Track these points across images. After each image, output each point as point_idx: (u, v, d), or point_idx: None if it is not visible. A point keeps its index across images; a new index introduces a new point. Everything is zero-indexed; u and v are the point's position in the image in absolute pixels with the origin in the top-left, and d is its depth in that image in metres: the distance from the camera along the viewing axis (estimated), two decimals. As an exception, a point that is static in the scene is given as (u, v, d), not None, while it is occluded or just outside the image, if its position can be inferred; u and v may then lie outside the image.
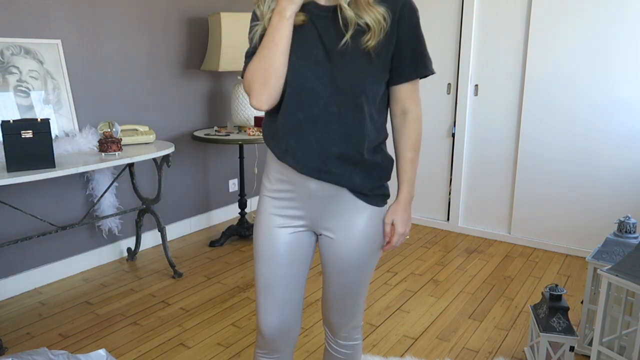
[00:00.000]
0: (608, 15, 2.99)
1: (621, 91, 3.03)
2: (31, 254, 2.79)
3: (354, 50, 1.20)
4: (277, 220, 1.34)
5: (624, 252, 2.03)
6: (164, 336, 2.35)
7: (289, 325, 1.38)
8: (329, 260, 1.37)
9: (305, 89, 1.21)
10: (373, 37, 1.19)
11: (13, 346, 2.26)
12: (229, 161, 3.92)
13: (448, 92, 3.63)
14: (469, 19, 3.43)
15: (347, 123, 1.23)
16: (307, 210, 1.32)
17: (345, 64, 1.20)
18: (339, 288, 1.38)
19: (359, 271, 1.36)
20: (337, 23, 1.21)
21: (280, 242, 1.33)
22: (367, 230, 1.32)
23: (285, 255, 1.34)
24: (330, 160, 1.25)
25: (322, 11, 1.23)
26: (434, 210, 3.87)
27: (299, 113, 1.23)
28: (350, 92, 1.21)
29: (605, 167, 3.14)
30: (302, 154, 1.24)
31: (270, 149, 1.31)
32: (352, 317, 1.44)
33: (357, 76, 1.20)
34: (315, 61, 1.21)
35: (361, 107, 1.23)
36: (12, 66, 2.56)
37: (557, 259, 3.26)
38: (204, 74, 3.61)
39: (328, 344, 1.53)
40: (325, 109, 1.22)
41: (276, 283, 1.34)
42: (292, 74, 1.21)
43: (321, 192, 1.29)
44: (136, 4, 3.10)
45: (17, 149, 2.16)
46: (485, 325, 2.47)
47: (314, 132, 1.23)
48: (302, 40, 1.22)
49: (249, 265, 3.12)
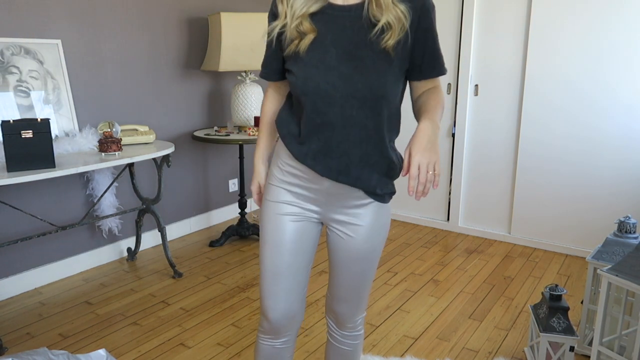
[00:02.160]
0: (608, 16, 2.99)
1: (621, 91, 3.03)
2: (31, 254, 2.79)
3: (371, 52, 1.19)
4: (286, 208, 1.36)
5: (624, 252, 2.03)
6: (164, 336, 2.35)
7: (294, 310, 1.41)
8: (339, 251, 1.39)
9: (319, 95, 1.21)
10: (393, 36, 1.17)
11: (13, 346, 2.26)
12: (229, 161, 3.92)
13: (448, 92, 3.63)
14: (469, 19, 3.43)
15: (367, 126, 1.24)
16: (317, 203, 1.35)
17: (363, 67, 1.19)
18: (350, 278, 1.41)
19: (368, 262, 1.40)
20: (356, 23, 1.20)
21: (288, 230, 1.36)
22: (375, 222, 1.36)
23: (293, 243, 1.36)
24: (351, 163, 1.27)
25: (339, 11, 1.21)
26: (434, 210, 3.87)
27: (317, 118, 1.24)
28: (369, 96, 1.20)
29: (606, 167, 3.14)
30: (323, 156, 1.27)
31: (287, 144, 1.32)
32: (360, 306, 1.47)
33: (377, 80, 1.19)
34: (327, 67, 1.20)
35: (380, 109, 1.23)
36: (12, 66, 2.56)
37: (557, 259, 3.26)
38: (204, 74, 3.61)
39: (332, 337, 1.55)
40: (343, 113, 1.22)
41: (283, 270, 1.36)
42: (305, 82, 1.22)
43: (334, 189, 1.31)
44: (136, 4, 3.10)
45: (17, 149, 2.16)
46: (485, 325, 2.47)
47: (334, 136, 1.24)
48: (314, 47, 1.21)
49: (249, 265, 3.12)
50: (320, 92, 1.21)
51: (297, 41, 1.23)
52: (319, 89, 1.21)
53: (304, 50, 1.21)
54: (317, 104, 1.22)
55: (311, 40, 1.21)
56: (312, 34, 1.21)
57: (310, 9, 1.21)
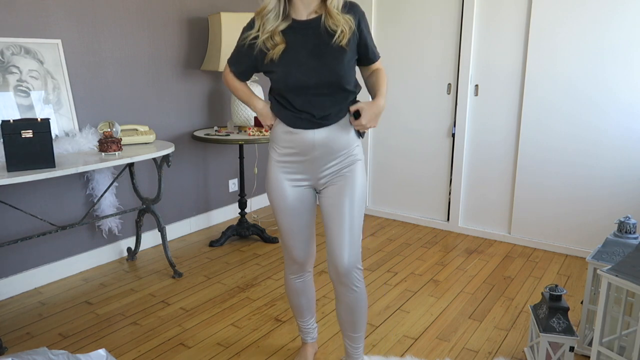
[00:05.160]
0: (608, 16, 2.99)
1: (621, 92, 3.03)
2: (31, 254, 2.79)
3: (331, 49, 1.66)
4: (285, 182, 1.81)
5: (624, 253, 2.03)
6: (164, 336, 2.35)
7: (310, 252, 1.93)
8: (335, 200, 1.76)
9: (297, 83, 1.68)
10: (345, 37, 1.66)
11: (13, 346, 2.26)
12: (229, 161, 3.92)
13: (448, 92, 3.63)
14: (469, 19, 3.43)
15: (334, 96, 1.72)
16: (307, 171, 1.78)
17: (326, 61, 1.66)
18: (348, 221, 1.75)
19: (359, 201, 1.78)
20: (316, 31, 1.67)
21: (291, 197, 1.81)
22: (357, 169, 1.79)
23: (295, 207, 1.82)
24: (327, 117, 1.72)
25: (302, 24, 1.69)
26: (434, 210, 3.87)
27: (298, 99, 1.71)
28: (334, 80, 1.68)
29: (606, 167, 3.14)
30: (310, 118, 1.72)
31: (282, 119, 1.76)
32: (358, 249, 1.79)
33: (337, 67, 1.67)
34: (300, 63, 1.67)
35: (342, 85, 1.70)
36: (12, 66, 2.56)
37: (557, 259, 3.26)
38: (204, 74, 3.61)
39: (340, 291, 1.82)
40: (316, 93, 1.69)
41: (295, 228, 1.85)
42: (286, 75, 1.68)
43: (320, 141, 1.73)
44: (136, 4, 3.10)
45: (17, 148, 2.16)
46: (485, 326, 2.47)
47: (313, 108, 1.71)
48: (288, 51, 1.67)
49: (249, 265, 3.12)
50: (298, 82, 1.67)
51: (272, 50, 1.67)
52: (297, 80, 1.67)
53: (278, 55, 1.67)
54: (297, 90, 1.69)
55: (283, 49, 1.66)
56: (282, 45, 1.67)
57: (279, 27, 1.67)
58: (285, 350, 2.24)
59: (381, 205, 4.12)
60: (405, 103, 3.82)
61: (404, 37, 3.72)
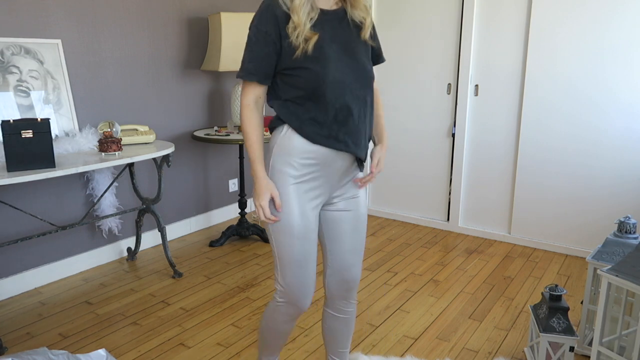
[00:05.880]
0: (608, 16, 2.99)
1: (621, 92, 3.03)
2: (31, 254, 2.79)
3: (359, 44, 1.51)
4: (308, 203, 1.53)
5: (624, 252, 2.03)
6: (164, 336, 2.35)
7: (313, 290, 1.62)
8: (346, 220, 1.62)
9: (335, 82, 1.44)
10: (367, 29, 1.53)
11: (13, 346, 2.26)
12: (229, 161, 3.92)
13: (448, 92, 3.63)
14: (469, 19, 3.43)
15: (367, 102, 1.53)
16: (326, 185, 1.55)
17: (358, 56, 1.49)
18: (356, 242, 1.65)
19: (364, 221, 1.67)
20: (342, 22, 1.50)
21: (312, 222, 1.54)
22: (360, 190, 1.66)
23: (314, 233, 1.56)
24: (361, 136, 1.53)
25: (328, 15, 1.49)
26: (434, 210, 3.87)
27: (336, 103, 1.45)
28: (367, 78, 1.51)
29: (605, 168, 3.14)
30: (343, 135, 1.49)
31: (304, 133, 1.47)
32: (360, 269, 1.70)
33: (368, 64, 1.52)
34: (334, 59, 1.44)
35: (371, 88, 1.54)
36: (12, 66, 2.56)
37: (557, 259, 3.26)
38: (204, 74, 3.61)
39: (339, 306, 1.73)
40: (353, 94, 1.47)
41: (310, 256, 1.55)
42: (323, 73, 1.42)
43: (344, 166, 1.55)
44: (136, 4, 3.10)
45: (17, 148, 2.16)
46: (485, 326, 2.47)
47: (351, 116, 1.48)
48: (319, 46, 1.43)
49: (249, 265, 3.12)
50: (336, 80, 1.44)
51: (303, 45, 1.42)
52: (335, 78, 1.43)
53: (311, 49, 1.42)
54: (335, 90, 1.44)
55: (315, 41, 1.43)
56: (315, 37, 1.42)
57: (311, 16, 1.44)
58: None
59: (381, 205, 4.12)
60: (405, 103, 3.82)
61: (404, 37, 3.72)
